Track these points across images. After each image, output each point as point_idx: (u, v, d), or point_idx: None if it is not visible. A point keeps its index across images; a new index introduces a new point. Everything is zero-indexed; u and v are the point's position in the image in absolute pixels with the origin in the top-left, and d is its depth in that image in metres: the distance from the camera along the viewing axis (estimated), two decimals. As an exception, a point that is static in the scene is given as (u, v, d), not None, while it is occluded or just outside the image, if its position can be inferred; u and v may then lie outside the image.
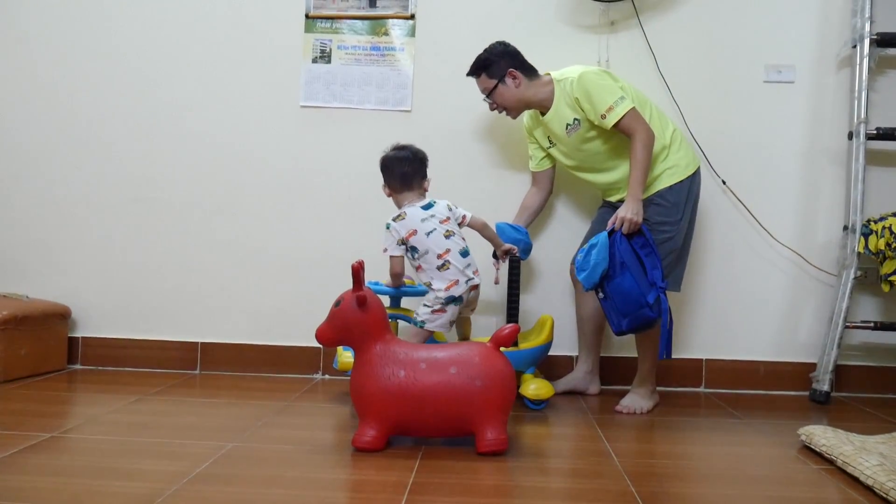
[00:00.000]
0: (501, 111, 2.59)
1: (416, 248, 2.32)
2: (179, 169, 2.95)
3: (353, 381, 1.91)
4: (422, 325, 2.34)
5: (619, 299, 2.30)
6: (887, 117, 2.81)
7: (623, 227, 2.31)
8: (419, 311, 2.36)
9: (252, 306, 2.94)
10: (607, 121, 2.39)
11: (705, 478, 1.79)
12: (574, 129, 2.51)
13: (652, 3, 2.88)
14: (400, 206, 2.38)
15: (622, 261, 2.29)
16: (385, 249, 2.33)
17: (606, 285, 2.32)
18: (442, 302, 2.31)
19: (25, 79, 2.98)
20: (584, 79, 2.43)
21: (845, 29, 2.85)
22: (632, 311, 2.29)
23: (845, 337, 2.73)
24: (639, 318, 2.29)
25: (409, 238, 2.31)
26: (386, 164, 2.40)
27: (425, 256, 2.31)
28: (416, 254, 2.33)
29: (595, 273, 2.30)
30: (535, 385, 2.42)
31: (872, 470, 1.69)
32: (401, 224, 2.32)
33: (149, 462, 1.75)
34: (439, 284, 2.31)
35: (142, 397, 2.44)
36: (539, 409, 2.43)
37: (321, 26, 2.93)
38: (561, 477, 1.76)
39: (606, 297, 2.34)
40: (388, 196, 2.42)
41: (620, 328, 2.34)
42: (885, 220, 2.66)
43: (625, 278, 2.29)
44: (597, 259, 2.30)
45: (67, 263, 2.97)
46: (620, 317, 2.32)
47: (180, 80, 2.95)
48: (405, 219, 2.32)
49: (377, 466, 1.78)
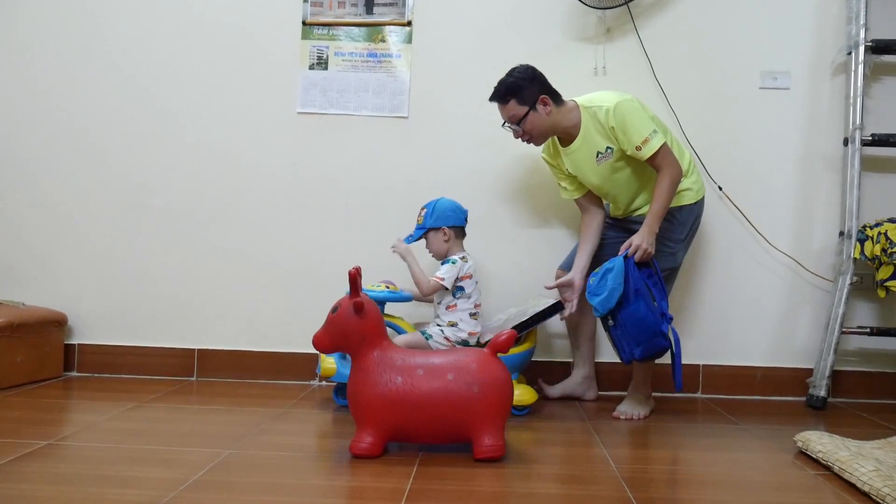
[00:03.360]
0: (527, 140, 2.51)
1: (464, 290, 2.47)
2: (176, 176, 2.95)
3: (350, 388, 1.91)
4: (429, 337, 2.46)
5: (634, 327, 2.26)
6: (882, 124, 2.83)
7: (636, 255, 2.29)
8: (434, 332, 2.46)
9: (249, 313, 2.93)
10: (642, 153, 2.36)
11: (702, 483, 1.79)
12: (605, 157, 2.46)
13: (647, 9, 2.89)
14: (447, 252, 2.50)
15: (637, 288, 2.27)
16: (442, 278, 2.42)
17: (619, 313, 2.28)
18: (459, 341, 2.45)
19: (23, 86, 2.98)
20: (622, 108, 2.38)
21: (840, 36, 2.86)
22: (646, 339, 2.26)
23: (842, 342, 2.73)
24: (653, 346, 2.28)
25: (464, 279, 2.46)
26: (454, 210, 2.52)
27: (467, 300, 2.46)
28: (459, 293, 2.46)
29: (612, 299, 2.26)
30: (519, 391, 2.41)
31: (868, 476, 1.70)
32: (466, 265, 2.47)
33: (146, 469, 1.74)
34: (465, 327, 2.46)
35: (139, 404, 2.44)
36: (522, 414, 2.43)
37: (318, 33, 2.94)
38: (558, 483, 1.76)
39: (617, 325, 2.30)
40: (445, 241, 2.50)
41: (633, 356, 2.30)
42: (880, 225, 2.67)
43: (639, 306, 2.26)
44: (613, 284, 2.27)
45: (64, 270, 2.96)
46: (634, 345, 2.28)
47: (177, 87, 2.96)
48: (469, 262, 2.48)
49: (374, 473, 1.77)
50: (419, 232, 2.52)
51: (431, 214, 2.50)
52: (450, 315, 2.46)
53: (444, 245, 2.50)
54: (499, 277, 2.86)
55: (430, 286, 2.44)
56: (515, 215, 2.91)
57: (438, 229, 2.49)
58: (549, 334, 2.89)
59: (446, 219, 2.49)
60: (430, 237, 2.52)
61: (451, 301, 2.47)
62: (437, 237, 2.50)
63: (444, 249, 2.50)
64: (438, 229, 2.49)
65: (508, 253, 2.89)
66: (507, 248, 2.89)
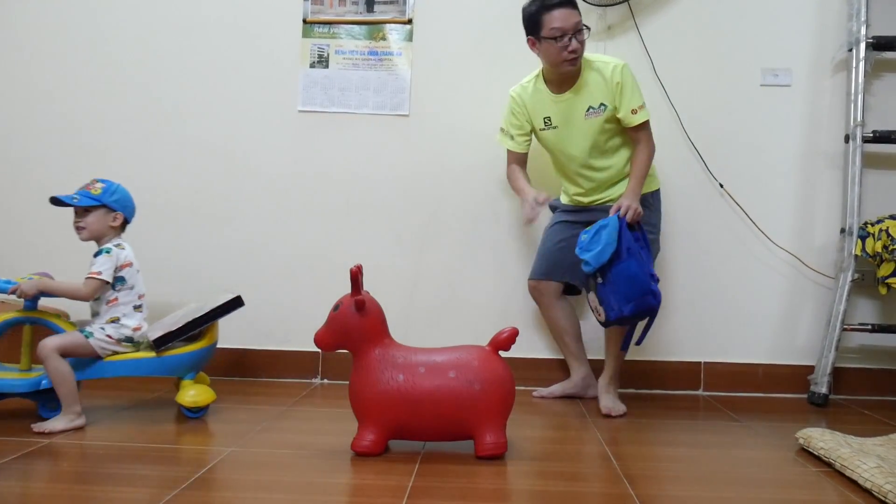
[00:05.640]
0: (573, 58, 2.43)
1: (125, 280, 2.23)
2: (177, 174, 2.95)
3: (351, 386, 1.91)
4: (89, 335, 2.19)
5: (625, 284, 2.28)
6: (883, 120, 2.82)
7: (629, 215, 2.33)
8: (95, 330, 2.20)
9: (250, 311, 2.92)
10: (633, 118, 2.48)
11: (704, 481, 1.79)
12: (595, 113, 2.50)
13: (648, 7, 2.89)
14: (101, 237, 2.26)
15: (628, 247, 2.29)
16: (99, 273, 2.17)
17: (610, 269, 2.29)
18: (123, 339, 2.22)
19: (23, 85, 2.98)
20: (628, 70, 2.50)
21: (841, 32, 2.86)
22: (637, 296, 2.28)
23: (843, 339, 2.73)
24: (644, 304, 2.29)
25: (124, 267, 2.23)
26: (133, 205, 2.33)
27: (129, 292, 2.24)
28: (120, 284, 2.22)
29: (605, 253, 2.27)
30: (195, 391, 2.24)
31: (870, 472, 1.70)
32: (123, 252, 2.24)
33: (147, 467, 1.75)
34: (129, 322, 2.23)
35: (140, 402, 2.44)
36: (197, 416, 2.24)
37: (319, 31, 2.94)
38: (560, 480, 1.76)
39: (606, 283, 2.31)
40: (111, 226, 2.27)
41: (621, 314, 2.30)
42: (881, 222, 2.67)
43: (631, 263, 2.28)
44: (608, 240, 2.28)
45: (66, 268, 2.95)
46: (623, 302, 2.28)
47: (178, 86, 2.95)
48: (126, 249, 2.25)
49: (376, 471, 1.78)
50: (90, 201, 2.24)
51: (113, 193, 2.27)
52: (111, 311, 2.22)
53: (107, 230, 2.26)
54: (501, 273, 2.86)
55: (89, 287, 2.18)
56: (517, 212, 2.90)
57: (112, 211, 2.26)
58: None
59: (125, 207, 2.29)
60: (96, 214, 2.24)
61: (111, 295, 2.22)
62: (105, 218, 2.25)
63: (102, 234, 2.25)
64: (112, 211, 2.26)
65: (510, 249, 2.89)
66: (510, 244, 2.89)
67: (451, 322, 2.88)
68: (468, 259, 2.90)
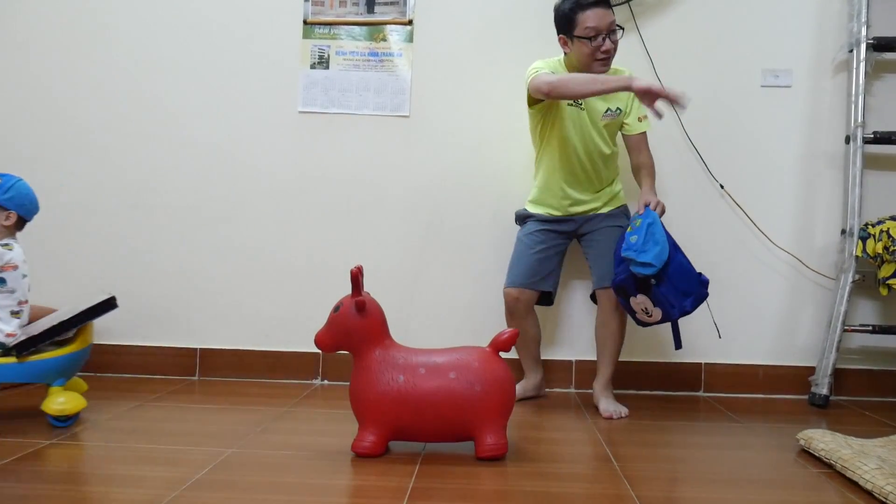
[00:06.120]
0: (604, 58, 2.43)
1: (6, 282, 2.10)
2: (178, 175, 2.95)
3: (352, 387, 1.91)
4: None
5: (681, 279, 2.24)
6: (884, 121, 2.82)
7: (658, 209, 2.34)
8: None
9: (251, 312, 2.94)
10: (640, 125, 2.56)
11: (705, 482, 1.79)
12: (612, 116, 2.53)
13: (649, 7, 2.89)
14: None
15: (671, 241, 2.27)
16: None
17: (666, 268, 2.22)
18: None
19: (24, 86, 2.98)
20: None
21: (842, 33, 2.86)
22: (693, 289, 2.27)
23: (844, 340, 2.73)
24: (700, 295, 2.28)
25: (7, 269, 2.10)
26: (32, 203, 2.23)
27: (9, 295, 2.10)
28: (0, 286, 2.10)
29: (665, 252, 2.20)
30: (63, 399, 2.10)
31: (871, 473, 1.70)
32: (10, 253, 2.12)
33: (148, 468, 1.75)
34: (3, 327, 2.08)
35: (141, 403, 2.44)
36: (65, 426, 2.10)
37: (319, 32, 2.94)
38: (560, 481, 1.76)
39: (662, 282, 2.22)
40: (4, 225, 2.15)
41: (684, 310, 2.27)
42: (882, 223, 2.66)
43: (680, 257, 2.26)
44: (662, 238, 2.22)
45: (66, 269, 2.96)
46: (682, 298, 2.25)
47: (178, 87, 2.96)
48: (13, 250, 2.14)
49: (377, 472, 1.78)
50: None
51: (7, 190, 2.15)
52: None
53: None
54: (501, 275, 2.86)
55: None
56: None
57: (4, 210, 2.14)
58: (551, 332, 2.89)
59: (21, 205, 2.17)
60: None
61: None
62: None
63: None
64: (4, 210, 2.14)
65: (511, 250, 2.88)
66: (510, 245, 2.88)
67: (451, 323, 2.88)
68: (468, 260, 2.90)
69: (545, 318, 2.82)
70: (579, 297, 2.86)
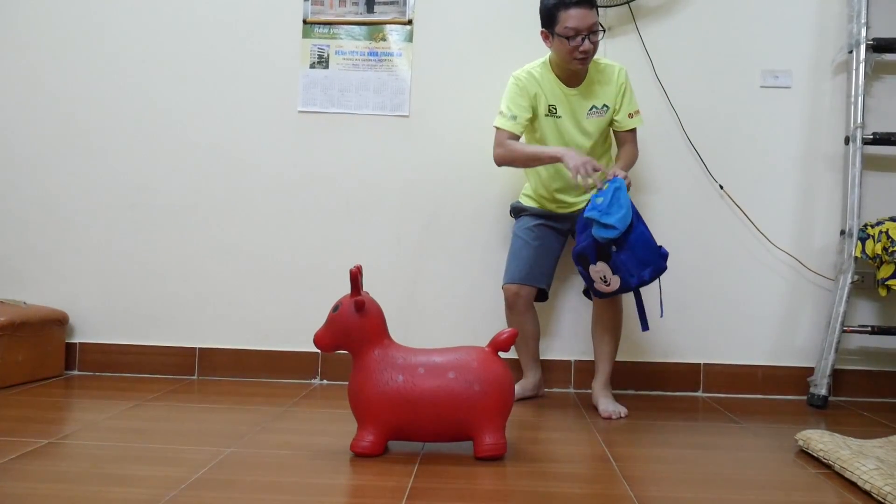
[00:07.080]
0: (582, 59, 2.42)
1: None
2: (177, 175, 2.95)
3: (351, 386, 1.91)
4: None
5: (642, 248, 2.25)
6: (884, 122, 2.82)
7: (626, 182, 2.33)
8: None
9: (250, 312, 2.93)
10: (630, 121, 2.55)
11: (703, 482, 1.79)
12: (598, 113, 2.53)
13: (649, 8, 2.89)
14: None
15: (636, 211, 2.28)
16: None
17: (628, 235, 2.23)
18: None
19: (23, 86, 2.98)
20: (627, 75, 2.57)
21: (841, 34, 2.86)
22: (653, 259, 2.26)
23: (843, 341, 2.73)
24: (658, 267, 2.28)
25: None
26: None
27: None
28: None
29: (629, 217, 2.21)
30: None
31: (869, 474, 1.70)
32: None
33: (147, 468, 1.75)
34: None
35: (140, 403, 2.44)
36: None
37: (319, 32, 2.94)
38: (559, 481, 1.76)
39: (623, 249, 2.23)
40: None
41: (642, 279, 2.26)
42: (881, 224, 2.67)
43: (642, 226, 2.27)
44: (627, 203, 2.23)
45: (65, 269, 2.96)
46: (641, 268, 2.25)
47: (178, 86, 2.96)
48: None
49: (376, 471, 1.78)
50: None
51: None
52: None
53: None
54: (500, 276, 2.86)
55: None
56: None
57: None
58: (549, 332, 2.89)
59: None
60: None
61: None
62: None
63: None
64: None
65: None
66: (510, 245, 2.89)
67: (450, 323, 2.88)
68: (468, 260, 2.90)
69: (544, 318, 2.82)
70: (579, 296, 2.87)
